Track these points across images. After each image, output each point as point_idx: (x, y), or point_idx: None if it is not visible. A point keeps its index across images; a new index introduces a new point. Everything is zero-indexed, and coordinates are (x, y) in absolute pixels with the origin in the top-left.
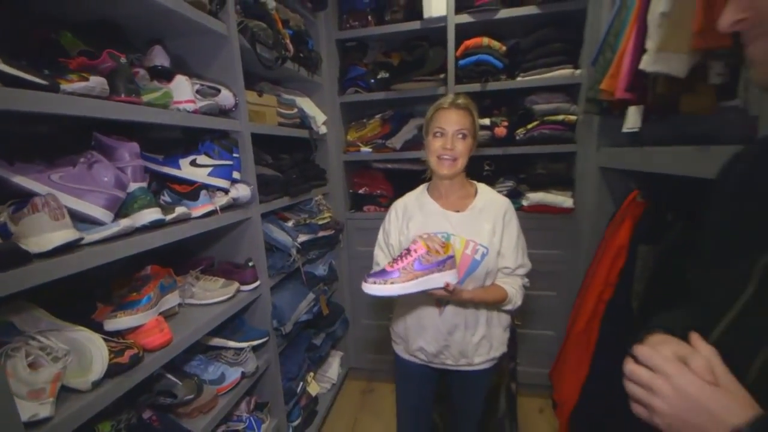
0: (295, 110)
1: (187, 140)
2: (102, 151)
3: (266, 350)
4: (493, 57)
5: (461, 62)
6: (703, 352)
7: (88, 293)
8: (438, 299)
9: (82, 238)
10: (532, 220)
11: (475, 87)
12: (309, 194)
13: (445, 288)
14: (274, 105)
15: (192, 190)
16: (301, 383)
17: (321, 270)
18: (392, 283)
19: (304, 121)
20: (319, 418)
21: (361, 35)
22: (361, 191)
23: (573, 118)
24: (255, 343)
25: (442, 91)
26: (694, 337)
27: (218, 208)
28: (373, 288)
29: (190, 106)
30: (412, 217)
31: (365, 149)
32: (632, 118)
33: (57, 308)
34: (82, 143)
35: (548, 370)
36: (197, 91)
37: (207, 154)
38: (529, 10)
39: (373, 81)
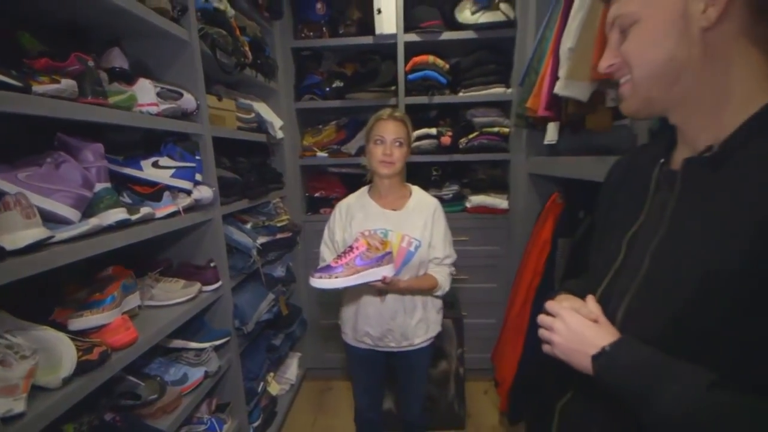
0: (253, 114)
1: (145, 142)
2: (66, 152)
3: (228, 350)
4: (438, 73)
5: (410, 77)
6: (589, 305)
7: (41, 297)
8: (379, 290)
9: (52, 236)
10: (474, 220)
11: (423, 99)
12: (267, 197)
13: (383, 281)
14: (233, 109)
15: (154, 192)
16: (262, 383)
17: (279, 271)
18: (336, 277)
19: (261, 126)
20: (279, 418)
21: (316, 45)
22: (317, 195)
23: (506, 130)
24: (217, 342)
25: (394, 102)
26: (589, 297)
27: (181, 209)
28: (319, 282)
29: (153, 109)
30: (355, 216)
31: (321, 154)
32: (551, 133)
33: (11, 311)
34: (39, 144)
35: (490, 355)
36: (158, 94)
37: (170, 156)
38: (468, 35)
39: (328, 89)
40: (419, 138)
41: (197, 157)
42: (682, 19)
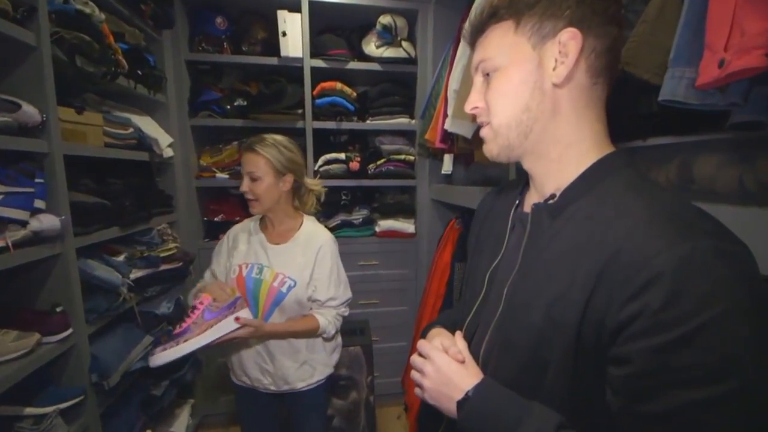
0: (131, 130)
1: None
2: None
3: (83, 412)
4: (346, 100)
5: (318, 101)
6: (458, 343)
7: None
8: (249, 339)
9: None
10: (383, 244)
11: (331, 124)
12: (149, 223)
13: (240, 324)
14: (99, 124)
15: None
16: None
17: (165, 308)
18: (186, 340)
19: (142, 143)
20: None
21: (215, 60)
22: (217, 219)
23: (411, 158)
24: (64, 405)
25: (301, 125)
26: (457, 333)
27: (10, 244)
28: (162, 356)
29: None
30: (237, 247)
31: (221, 175)
32: (447, 164)
33: None
34: None
35: (401, 378)
36: None
37: None
38: (374, 66)
39: (229, 107)
40: (328, 162)
41: (38, 180)
42: (537, 73)
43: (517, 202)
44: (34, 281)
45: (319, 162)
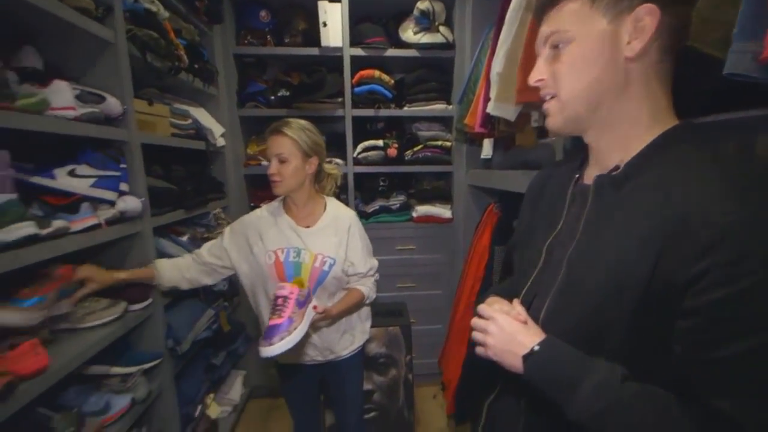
0: (190, 121)
1: (62, 148)
2: None
3: (159, 373)
4: (384, 88)
5: (356, 90)
6: (516, 307)
7: None
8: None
9: None
10: (420, 229)
11: (369, 112)
12: (206, 207)
13: (318, 312)
14: (166, 115)
15: (70, 203)
16: (200, 407)
17: (220, 285)
18: (294, 329)
19: (199, 133)
20: None
21: (260, 53)
22: (262, 205)
23: (448, 144)
24: (146, 366)
25: (341, 113)
26: (515, 300)
27: (103, 222)
28: (280, 345)
29: (70, 113)
30: (266, 232)
31: (266, 163)
32: (486, 148)
33: None
34: None
35: (437, 359)
36: (77, 97)
37: (89, 164)
38: (411, 53)
39: (273, 98)
40: (366, 149)
41: (122, 166)
42: (611, 46)
43: (576, 176)
44: (118, 257)
45: (358, 149)
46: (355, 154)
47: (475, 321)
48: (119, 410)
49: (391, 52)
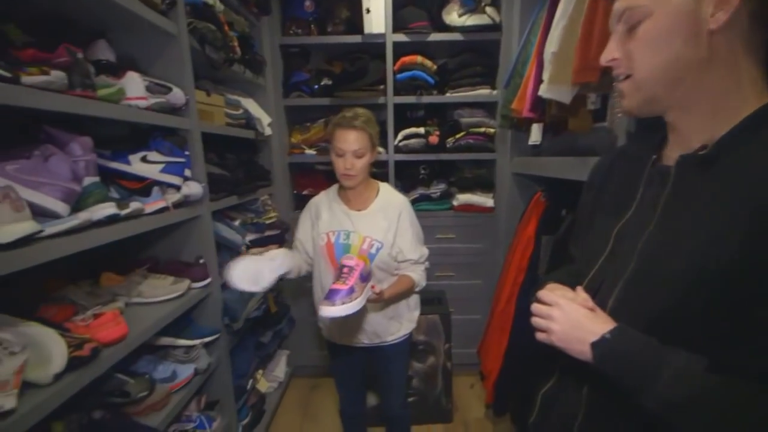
0: (241, 111)
1: (131, 137)
2: (53, 145)
3: (217, 347)
4: (426, 74)
5: (398, 76)
6: (580, 294)
7: (20, 293)
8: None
9: (42, 231)
10: (460, 218)
11: (411, 99)
12: (255, 194)
13: (375, 292)
14: (221, 105)
15: (143, 186)
16: (251, 381)
17: None
18: (355, 298)
19: (249, 122)
20: (267, 416)
21: (304, 43)
22: (305, 192)
23: (492, 130)
24: (207, 339)
25: (383, 101)
26: (578, 288)
27: (170, 205)
28: (340, 309)
29: (142, 103)
30: (320, 216)
31: (309, 152)
32: (535, 134)
33: None
34: (23, 138)
35: (476, 348)
36: (147, 88)
37: (158, 151)
38: (455, 36)
39: (316, 87)
40: (407, 137)
41: (186, 153)
42: (691, 20)
43: (654, 156)
44: (180, 238)
45: (399, 137)
46: (396, 142)
47: (537, 307)
48: (184, 378)
49: (435, 36)
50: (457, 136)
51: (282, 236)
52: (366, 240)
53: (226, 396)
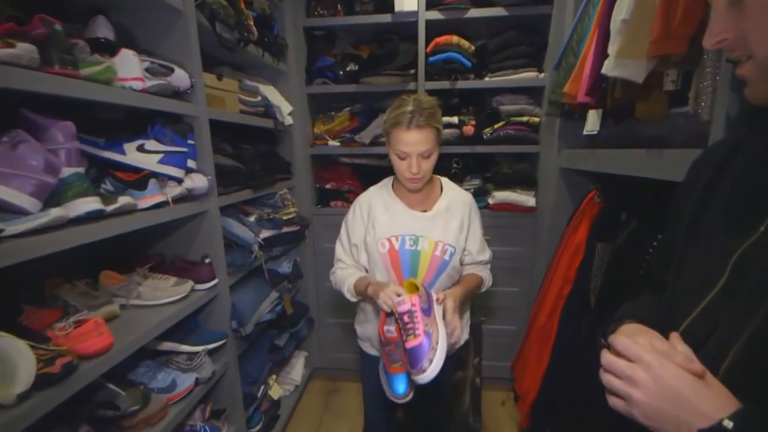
0: (259, 98)
1: (132, 123)
2: (30, 131)
3: (224, 353)
4: (463, 56)
5: (431, 59)
6: (680, 348)
7: (12, 294)
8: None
9: (2, 230)
10: (496, 218)
11: (445, 84)
12: (273, 188)
13: (439, 302)
14: (235, 90)
15: (138, 179)
16: (263, 387)
17: (285, 267)
18: (437, 343)
19: (268, 111)
20: (282, 421)
21: (330, 24)
22: (328, 186)
23: (536, 119)
24: (211, 346)
25: (413, 87)
26: (674, 336)
27: (170, 200)
28: (433, 369)
29: (138, 84)
30: (377, 218)
31: (333, 143)
32: (592, 122)
33: None
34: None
35: (510, 363)
36: (147, 69)
37: (157, 139)
38: (497, 12)
39: (341, 73)
40: None
41: (190, 142)
42: None
43: None
44: (185, 235)
45: (441, 130)
46: None
47: (613, 361)
48: (184, 389)
49: (474, 12)
50: (496, 126)
51: (301, 233)
52: (438, 245)
53: (234, 404)
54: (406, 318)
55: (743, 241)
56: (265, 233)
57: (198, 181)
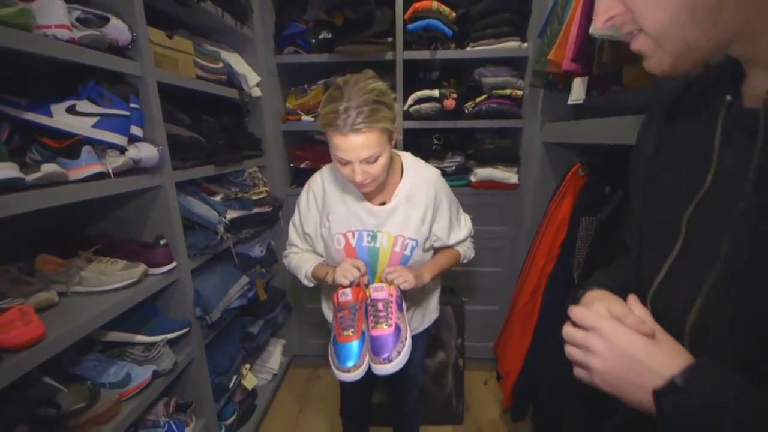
0: (221, 65)
1: (64, 85)
2: None
3: (188, 343)
4: (443, 23)
5: (410, 26)
6: (636, 309)
7: None
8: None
9: None
10: (479, 196)
11: (425, 54)
12: (241, 165)
13: (406, 287)
14: (189, 51)
15: (69, 145)
16: (235, 377)
17: (257, 251)
18: (405, 339)
19: (232, 79)
20: (259, 411)
21: None
22: (303, 165)
23: (519, 93)
24: (172, 335)
25: (390, 57)
26: (631, 297)
27: (110, 170)
28: (398, 361)
29: (63, 33)
30: (332, 210)
31: (307, 118)
32: (577, 90)
33: None
34: None
35: (492, 343)
36: (78, 20)
37: (91, 100)
38: None
39: (314, 41)
40: (419, 101)
41: (133, 105)
42: None
43: (728, 98)
44: (136, 214)
45: (409, 101)
46: (405, 107)
47: (571, 332)
48: (140, 383)
49: None
50: (478, 99)
51: (274, 214)
52: (398, 240)
53: (202, 396)
54: (380, 306)
55: (692, 198)
56: (233, 214)
57: (145, 151)
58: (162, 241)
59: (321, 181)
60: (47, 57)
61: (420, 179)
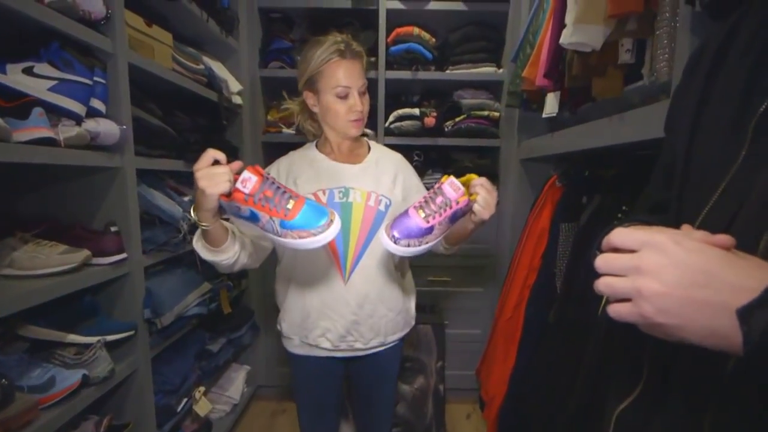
0: (201, 66)
1: (26, 51)
2: None
3: (132, 350)
4: (424, 47)
5: (392, 48)
6: (695, 232)
7: None
8: (340, 263)
9: None
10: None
11: (406, 74)
12: None
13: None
14: (168, 43)
15: (19, 105)
16: (186, 399)
17: None
18: (426, 243)
19: (212, 82)
20: None
21: (287, 6)
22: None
23: (497, 114)
24: (112, 337)
25: (373, 75)
26: (685, 226)
27: (61, 139)
28: (402, 249)
29: None
30: (300, 175)
31: (288, 131)
32: (550, 104)
33: None
34: None
35: (475, 369)
36: None
37: (52, 63)
38: (457, 6)
39: (299, 58)
40: (400, 118)
41: (98, 79)
42: None
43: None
44: (88, 197)
45: (390, 118)
46: (387, 124)
47: (610, 257)
48: (64, 388)
49: (434, 4)
50: (457, 119)
51: None
52: (371, 195)
53: (143, 417)
54: (439, 200)
55: (760, 103)
56: None
57: (104, 126)
58: (113, 228)
59: (288, 157)
60: (12, 11)
61: (385, 153)
